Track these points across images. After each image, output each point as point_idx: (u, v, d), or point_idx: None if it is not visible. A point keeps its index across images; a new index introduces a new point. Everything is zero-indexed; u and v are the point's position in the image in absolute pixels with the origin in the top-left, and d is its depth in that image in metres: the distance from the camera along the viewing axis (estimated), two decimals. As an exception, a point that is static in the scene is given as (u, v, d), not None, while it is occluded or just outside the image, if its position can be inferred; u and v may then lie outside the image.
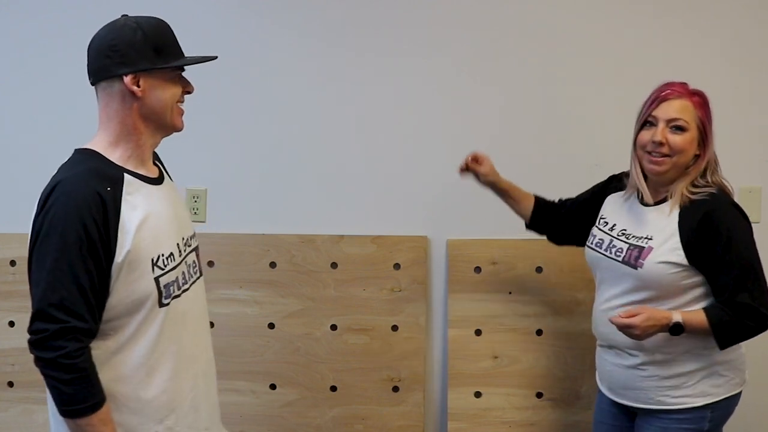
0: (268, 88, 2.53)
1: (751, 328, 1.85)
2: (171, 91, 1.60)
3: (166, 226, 1.60)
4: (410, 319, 2.52)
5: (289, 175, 2.55)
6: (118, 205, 1.50)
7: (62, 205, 1.46)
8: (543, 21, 2.48)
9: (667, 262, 1.87)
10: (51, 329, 1.43)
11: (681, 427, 1.93)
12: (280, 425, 2.52)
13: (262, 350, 2.52)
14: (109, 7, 1.79)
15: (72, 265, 1.44)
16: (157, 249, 1.55)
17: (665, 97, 1.89)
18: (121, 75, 1.53)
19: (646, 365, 1.93)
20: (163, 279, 1.55)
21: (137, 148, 1.59)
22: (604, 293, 2.02)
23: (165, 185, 1.67)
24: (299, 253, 2.51)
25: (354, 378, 2.52)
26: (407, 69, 2.51)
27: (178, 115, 1.63)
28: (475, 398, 2.50)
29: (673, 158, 1.88)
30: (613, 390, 2.05)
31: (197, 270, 1.74)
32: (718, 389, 1.93)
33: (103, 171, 1.53)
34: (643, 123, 1.93)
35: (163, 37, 1.60)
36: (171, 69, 1.59)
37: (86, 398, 1.45)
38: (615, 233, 2.01)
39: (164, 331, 1.57)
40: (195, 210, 2.52)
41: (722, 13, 2.48)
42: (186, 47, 1.67)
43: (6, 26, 2.50)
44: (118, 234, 1.49)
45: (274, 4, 2.50)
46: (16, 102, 2.55)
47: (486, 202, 2.39)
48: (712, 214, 1.85)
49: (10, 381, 2.50)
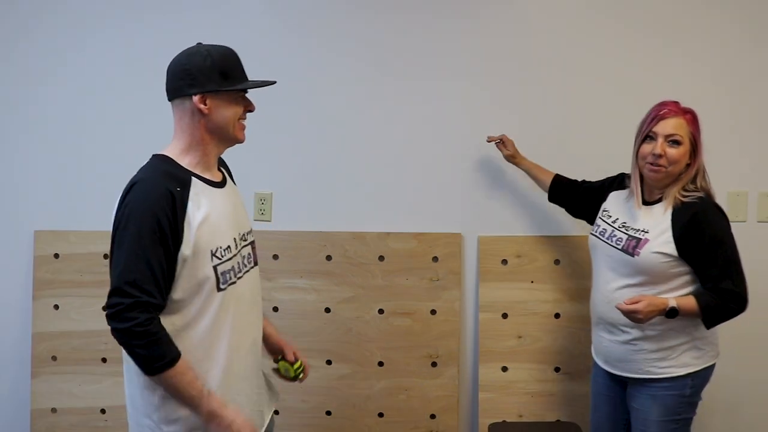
0: (323, 108, 2.66)
1: (733, 310, 2.03)
2: (233, 109, 1.73)
3: (225, 223, 1.72)
4: (446, 305, 2.66)
5: (343, 181, 2.69)
6: (185, 203, 1.64)
7: (139, 201, 1.60)
8: (564, 49, 2.62)
9: (660, 253, 2.04)
10: (125, 303, 1.56)
11: (666, 394, 2.10)
12: (335, 395, 2.67)
13: (319, 331, 2.67)
14: (189, 35, 1.95)
15: (145, 251, 1.57)
16: (216, 242, 1.68)
17: (663, 115, 2.07)
18: (191, 95, 1.68)
19: (637, 341, 2.10)
20: (220, 267, 1.69)
21: (204, 156, 1.74)
22: (603, 277, 2.17)
23: (227, 188, 1.81)
24: (351, 247, 2.66)
25: (398, 355, 2.67)
26: (444, 91, 2.64)
27: (240, 129, 1.76)
28: (502, 372, 2.66)
29: (669, 168, 2.06)
30: (609, 363, 2.20)
31: (252, 260, 1.86)
32: (698, 360, 2.10)
33: (174, 174, 1.68)
34: (644, 137, 2.10)
35: (229, 63, 1.73)
36: (234, 91, 1.72)
37: (163, 356, 1.58)
38: (617, 225, 2.17)
39: (221, 311, 1.70)
40: (262, 211, 2.67)
41: (714, 33, 2.61)
42: (254, 71, 1.84)
43: (103, 49, 2.65)
44: (185, 227, 1.63)
45: (328, 34, 2.64)
46: (108, 116, 2.68)
47: (512, 204, 2.61)
48: (700, 215, 2.03)
49: (103, 357, 2.68)
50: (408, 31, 2.65)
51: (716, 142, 2.58)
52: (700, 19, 2.62)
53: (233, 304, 1.73)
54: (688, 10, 2.62)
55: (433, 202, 2.70)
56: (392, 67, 2.66)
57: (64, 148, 2.67)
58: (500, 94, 2.66)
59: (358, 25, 2.65)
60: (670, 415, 2.11)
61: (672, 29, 2.62)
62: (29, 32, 2.68)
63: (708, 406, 2.70)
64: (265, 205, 2.70)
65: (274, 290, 2.69)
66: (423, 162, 2.69)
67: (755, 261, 2.63)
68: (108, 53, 2.68)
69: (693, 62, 2.64)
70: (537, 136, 2.66)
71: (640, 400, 2.15)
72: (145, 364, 1.60)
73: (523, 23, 2.65)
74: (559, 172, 2.51)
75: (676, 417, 2.12)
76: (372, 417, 2.70)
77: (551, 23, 2.65)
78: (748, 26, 2.63)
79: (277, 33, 2.66)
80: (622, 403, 2.23)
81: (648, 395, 2.13)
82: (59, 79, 2.68)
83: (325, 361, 2.70)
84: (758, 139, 2.66)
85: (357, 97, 2.68)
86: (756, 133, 2.66)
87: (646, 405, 2.13)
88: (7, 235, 2.69)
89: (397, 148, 2.69)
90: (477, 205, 2.70)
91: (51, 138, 2.69)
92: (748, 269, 2.63)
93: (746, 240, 2.61)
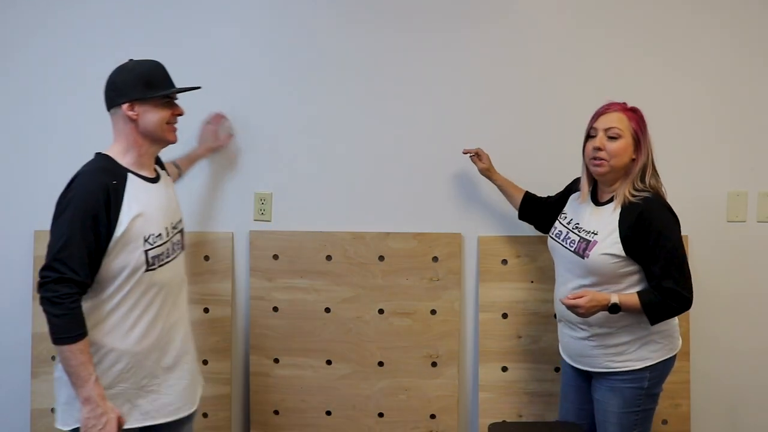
0: (324, 108, 2.67)
1: (674, 308, 2.08)
2: (160, 114, 1.98)
3: (157, 213, 1.99)
4: (446, 305, 2.67)
5: (343, 181, 2.70)
6: (120, 195, 1.90)
7: (78, 192, 1.86)
8: (564, 48, 2.64)
9: (608, 254, 2.09)
10: (52, 277, 1.81)
11: (625, 386, 2.17)
12: (334, 395, 2.68)
13: (319, 331, 2.68)
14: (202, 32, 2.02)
15: (77, 235, 1.82)
16: (149, 230, 1.95)
17: (603, 111, 2.14)
18: (121, 104, 1.95)
19: (596, 337, 2.17)
20: (151, 252, 1.95)
21: (139, 156, 2.00)
22: (561, 277, 2.26)
23: (161, 183, 2.07)
24: (351, 247, 2.67)
25: (398, 355, 2.68)
26: (445, 91, 2.66)
27: (169, 132, 2.02)
28: (502, 372, 2.67)
29: (611, 162, 2.10)
30: (572, 358, 2.29)
31: (180, 246, 2.13)
32: (655, 354, 2.16)
33: (112, 170, 1.94)
34: (587, 136, 2.17)
35: (153, 73, 1.99)
36: (158, 98, 1.97)
37: (70, 330, 1.82)
38: (570, 226, 2.23)
39: (150, 289, 1.96)
40: (262, 211, 2.68)
41: (713, 34, 2.63)
42: (254, 71, 2.10)
43: (104, 49, 2.58)
44: (120, 216, 1.89)
45: (328, 33, 2.65)
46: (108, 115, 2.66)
47: (512, 204, 2.62)
48: (645, 215, 2.06)
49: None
50: (408, 31, 2.66)
51: (716, 143, 2.65)
52: (697, 20, 2.65)
53: (161, 283, 1.99)
54: (683, 14, 2.64)
55: (433, 202, 2.71)
56: (392, 67, 2.68)
57: (64, 148, 2.66)
58: (500, 94, 2.68)
59: (359, 25, 2.67)
60: (630, 407, 2.18)
61: (667, 31, 2.64)
62: (34, 33, 2.69)
63: (708, 406, 2.76)
64: (265, 205, 2.71)
65: (274, 290, 2.70)
66: (423, 162, 2.70)
67: (755, 261, 2.70)
68: (109, 53, 2.57)
69: (693, 62, 2.66)
70: (537, 136, 2.68)
71: (601, 392, 2.22)
72: (54, 332, 1.83)
73: (523, 23, 2.67)
74: (559, 176, 2.48)
75: (636, 409, 2.19)
76: (372, 417, 2.71)
77: (550, 22, 2.67)
78: (747, 26, 2.65)
79: (277, 33, 2.68)
80: (588, 394, 2.31)
81: (608, 387, 2.20)
82: (59, 78, 2.68)
83: (325, 361, 2.71)
84: (758, 139, 2.68)
85: (357, 97, 2.69)
86: (756, 133, 2.68)
87: (607, 397, 2.21)
88: (7, 235, 2.70)
89: (397, 148, 2.70)
90: (477, 205, 2.71)
91: (51, 138, 2.70)
92: (748, 269, 2.71)
93: (746, 240, 2.68)
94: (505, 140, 2.67)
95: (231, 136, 2.67)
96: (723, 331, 2.73)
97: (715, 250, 2.70)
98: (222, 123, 2.64)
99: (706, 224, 2.69)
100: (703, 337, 2.72)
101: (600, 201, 2.21)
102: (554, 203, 2.43)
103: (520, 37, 2.66)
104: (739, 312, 2.73)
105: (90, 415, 1.85)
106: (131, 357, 1.95)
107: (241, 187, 2.72)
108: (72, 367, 1.84)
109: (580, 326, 2.20)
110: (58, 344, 1.82)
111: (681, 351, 2.63)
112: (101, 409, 1.85)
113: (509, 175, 2.57)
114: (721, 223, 2.70)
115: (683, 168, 2.67)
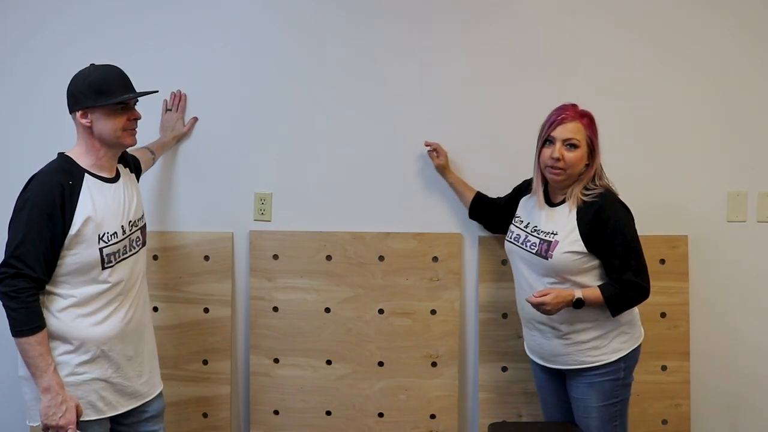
0: (324, 108, 2.68)
1: (635, 298, 2.18)
2: (113, 120, 2.02)
3: (113, 212, 2.05)
4: (447, 305, 2.67)
5: (343, 181, 2.70)
6: (76, 194, 1.98)
7: (35, 190, 1.94)
8: (563, 58, 2.64)
9: (570, 252, 2.17)
10: (9, 272, 1.90)
11: (603, 380, 2.23)
12: (334, 395, 2.69)
13: (319, 331, 2.68)
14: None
15: (33, 232, 1.90)
16: (104, 228, 2.01)
17: (561, 120, 2.17)
18: (75, 111, 2.02)
19: (570, 334, 2.23)
20: (106, 250, 2.02)
21: (98, 159, 2.06)
22: (525, 279, 2.29)
23: (119, 183, 2.12)
24: (351, 247, 2.67)
25: (398, 355, 2.68)
26: (444, 91, 2.66)
27: (126, 136, 2.06)
28: (502, 372, 2.68)
29: (568, 170, 2.17)
30: (544, 358, 2.33)
31: (140, 243, 2.18)
32: (626, 344, 2.24)
33: (70, 170, 2.01)
34: (543, 141, 2.21)
35: (107, 80, 2.01)
36: (112, 105, 2.00)
37: (28, 323, 1.91)
38: (529, 230, 2.28)
39: (106, 285, 2.03)
40: (262, 211, 2.68)
41: (713, 35, 2.63)
42: (254, 70, 2.16)
43: (102, 54, 2.55)
44: (75, 215, 1.96)
45: (328, 33, 2.65)
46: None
47: None
48: (602, 211, 2.15)
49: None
50: (408, 31, 2.66)
51: (716, 143, 2.65)
52: (698, 20, 2.65)
53: (119, 278, 2.06)
54: (683, 15, 2.64)
55: (433, 202, 2.71)
56: (392, 67, 2.68)
57: (63, 147, 2.62)
58: (501, 94, 2.68)
59: (359, 26, 2.67)
60: (609, 399, 2.24)
61: (667, 31, 2.65)
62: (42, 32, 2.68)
63: (708, 406, 2.76)
64: (265, 205, 2.72)
65: (274, 290, 2.70)
66: (423, 162, 2.70)
67: (755, 261, 2.70)
68: (109, 54, 2.60)
69: (693, 63, 2.66)
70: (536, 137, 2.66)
71: (579, 389, 2.27)
72: (12, 325, 1.91)
73: (523, 23, 2.67)
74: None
75: (615, 400, 2.25)
76: (372, 417, 2.71)
77: (549, 22, 2.67)
78: (747, 27, 2.65)
79: (277, 33, 2.68)
80: (561, 392, 2.37)
81: (585, 383, 2.26)
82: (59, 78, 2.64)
83: (325, 361, 2.71)
84: (758, 139, 2.68)
85: (357, 97, 2.69)
86: (756, 133, 2.68)
87: (585, 393, 2.26)
88: (7, 235, 2.69)
89: (397, 148, 2.70)
90: (477, 206, 2.70)
91: (50, 138, 2.65)
92: (748, 269, 2.70)
93: (746, 240, 2.69)
94: (506, 140, 2.67)
95: (196, 119, 2.68)
96: (723, 331, 2.73)
97: (715, 250, 2.70)
98: (183, 107, 2.66)
99: (706, 224, 2.70)
100: (703, 337, 2.72)
101: (553, 202, 2.27)
102: (504, 205, 2.50)
103: (521, 37, 2.67)
104: (738, 312, 2.73)
105: (50, 403, 1.93)
106: (92, 348, 2.02)
107: (241, 187, 2.72)
108: (31, 358, 1.92)
109: (552, 325, 2.24)
110: (17, 336, 1.91)
111: (681, 351, 2.65)
112: (61, 397, 1.93)
113: (509, 175, 2.56)
114: (721, 223, 2.70)
115: (683, 168, 2.68)
